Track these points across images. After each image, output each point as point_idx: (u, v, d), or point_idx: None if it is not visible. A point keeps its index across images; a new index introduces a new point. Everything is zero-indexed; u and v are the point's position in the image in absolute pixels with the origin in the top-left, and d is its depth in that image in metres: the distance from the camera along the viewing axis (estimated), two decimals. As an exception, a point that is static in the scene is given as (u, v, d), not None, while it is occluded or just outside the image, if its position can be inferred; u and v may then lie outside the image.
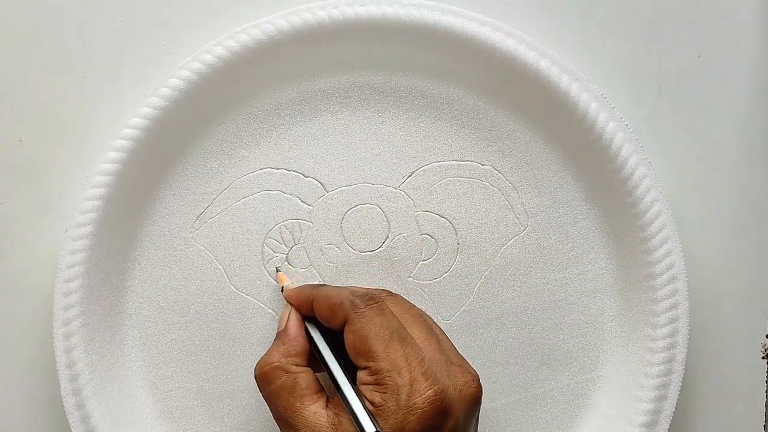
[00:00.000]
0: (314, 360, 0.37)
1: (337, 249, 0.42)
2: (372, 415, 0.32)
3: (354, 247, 0.42)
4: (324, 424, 0.33)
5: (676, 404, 0.41)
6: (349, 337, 0.34)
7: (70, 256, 0.40)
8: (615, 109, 0.41)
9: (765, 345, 0.45)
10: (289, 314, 0.38)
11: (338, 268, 0.42)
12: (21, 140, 0.42)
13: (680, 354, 0.41)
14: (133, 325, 0.42)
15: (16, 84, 0.42)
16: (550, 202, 0.43)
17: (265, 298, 0.42)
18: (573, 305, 0.43)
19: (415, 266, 0.43)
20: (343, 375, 0.35)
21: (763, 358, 0.45)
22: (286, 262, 0.42)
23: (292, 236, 0.42)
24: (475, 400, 0.34)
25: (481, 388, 0.35)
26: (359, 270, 0.42)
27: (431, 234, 0.43)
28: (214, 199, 0.42)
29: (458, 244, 0.43)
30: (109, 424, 0.40)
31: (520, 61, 0.41)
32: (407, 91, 0.43)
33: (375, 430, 0.31)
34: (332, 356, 0.36)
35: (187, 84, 0.40)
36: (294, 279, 0.42)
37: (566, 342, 0.43)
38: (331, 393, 0.35)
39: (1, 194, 0.42)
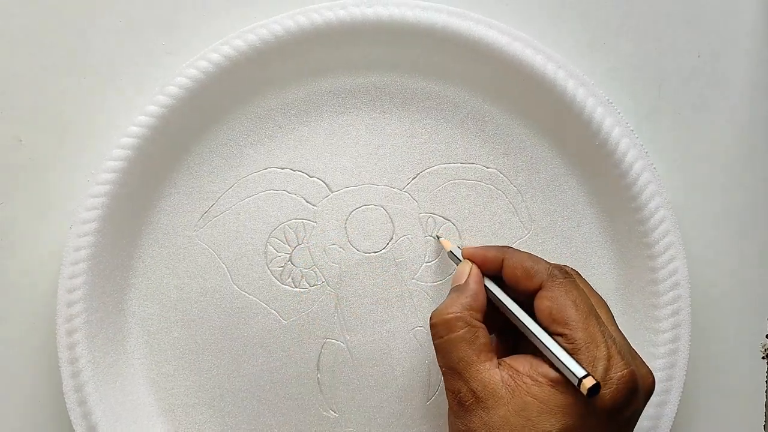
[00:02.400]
0: (487, 320, 0.37)
1: (340, 249, 0.42)
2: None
3: (358, 247, 0.42)
4: (497, 382, 0.33)
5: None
6: (544, 303, 0.35)
7: (74, 252, 0.40)
8: (620, 114, 0.41)
9: (765, 345, 0.45)
10: (470, 270, 0.38)
11: (342, 269, 0.42)
12: (21, 140, 0.42)
13: (682, 360, 0.41)
14: (136, 322, 0.42)
15: (16, 84, 0.42)
16: (555, 206, 0.43)
17: (267, 297, 0.42)
18: (575, 309, 0.43)
19: (419, 268, 0.43)
20: (539, 327, 0.34)
21: (763, 358, 0.45)
22: (290, 263, 0.42)
23: (296, 236, 0.42)
24: (651, 392, 0.35)
25: (655, 382, 0.35)
26: (363, 271, 0.42)
27: (435, 236, 0.43)
28: (219, 198, 0.42)
29: (462, 246, 0.43)
30: (110, 420, 0.40)
31: (526, 65, 0.41)
32: (413, 93, 0.43)
33: (585, 373, 0.31)
34: (521, 310, 0.36)
35: (194, 82, 0.40)
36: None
37: (568, 346, 0.43)
38: (500, 355, 0.35)
39: (1, 194, 0.42)
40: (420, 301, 0.42)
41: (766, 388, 0.45)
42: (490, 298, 0.37)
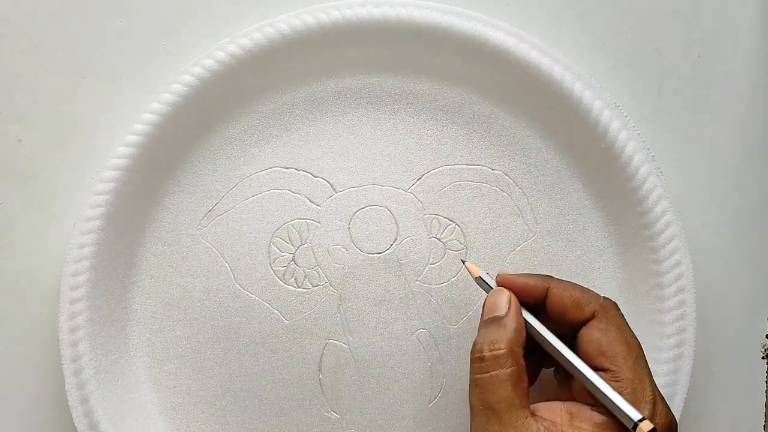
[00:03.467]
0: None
1: (344, 250, 0.42)
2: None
3: (361, 248, 0.42)
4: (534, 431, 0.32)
5: None
6: (594, 334, 0.34)
7: (77, 250, 0.40)
8: (627, 117, 0.41)
9: (765, 345, 0.45)
10: (509, 299, 0.35)
11: (345, 270, 0.42)
12: (21, 140, 0.42)
13: (686, 365, 0.41)
14: (139, 320, 0.42)
15: (16, 84, 0.42)
16: (560, 209, 0.43)
17: (269, 297, 0.42)
18: (580, 313, 0.43)
19: (423, 270, 0.42)
20: (587, 366, 0.33)
21: (763, 358, 0.45)
22: (293, 263, 0.42)
23: (300, 236, 0.42)
24: None
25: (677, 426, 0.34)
26: (366, 272, 0.42)
27: (439, 237, 0.43)
28: (223, 197, 0.42)
29: (466, 248, 0.43)
30: (112, 418, 0.40)
31: (533, 67, 0.40)
32: (418, 94, 0.42)
33: (641, 417, 0.31)
34: (564, 345, 0.34)
35: (199, 81, 0.40)
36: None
37: (572, 350, 0.43)
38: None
39: (1, 194, 0.42)
40: (423, 303, 0.42)
41: (766, 388, 0.45)
42: (528, 331, 0.35)
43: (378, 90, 0.42)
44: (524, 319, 0.35)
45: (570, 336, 0.35)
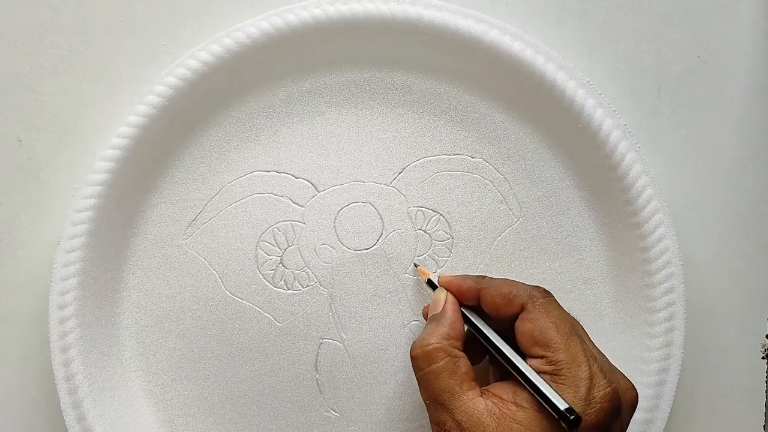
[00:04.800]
0: (475, 345, 0.37)
1: (331, 248, 0.42)
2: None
3: (348, 246, 0.42)
4: (482, 411, 0.33)
5: (676, 404, 0.41)
6: (526, 325, 0.35)
7: (63, 268, 0.39)
8: (602, 95, 0.41)
9: (765, 345, 0.45)
10: (446, 297, 0.38)
11: (333, 268, 0.42)
12: (20, 140, 0.42)
13: (678, 338, 0.41)
14: (131, 335, 0.42)
15: (16, 84, 0.42)
16: (542, 192, 0.43)
17: (260, 301, 0.42)
18: (569, 293, 0.43)
19: (411, 262, 0.43)
20: (519, 356, 0.34)
21: (763, 358, 0.45)
22: (281, 265, 0.42)
23: (286, 238, 0.42)
24: (634, 406, 0.35)
25: (638, 395, 0.35)
26: (355, 269, 0.42)
27: (425, 229, 0.43)
28: (206, 205, 0.42)
29: (452, 238, 0.43)
30: (110, 435, 0.40)
31: (504, 52, 0.41)
32: (393, 88, 0.43)
33: (567, 406, 0.31)
34: (500, 339, 0.36)
35: (173, 90, 0.40)
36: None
37: (565, 331, 0.43)
38: (483, 383, 0.35)
39: (1, 194, 0.42)
40: (414, 295, 0.42)
41: (766, 388, 0.45)
42: (469, 328, 0.37)
43: (353, 86, 0.42)
44: (464, 313, 0.37)
45: (511, 331, 0.36)
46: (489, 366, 0.39)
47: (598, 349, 0.36)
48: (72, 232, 0.39)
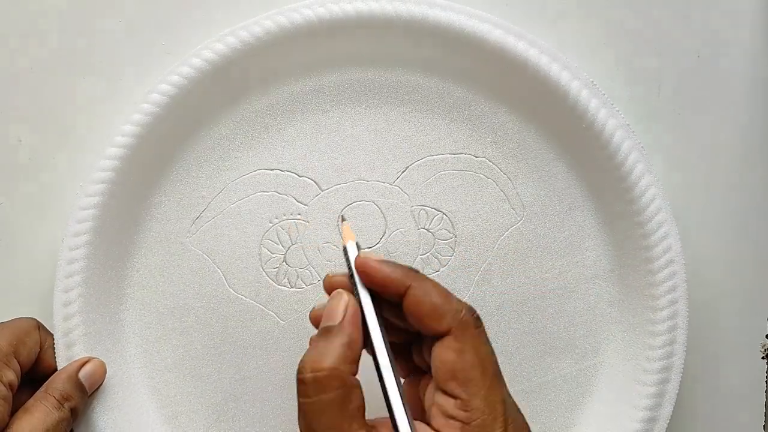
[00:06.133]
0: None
1: (335, 247, 0.42)
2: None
3: (351, 244, 0.42)
4: None
5: (677, 404, 0.41)
6: (448, 356, 0.30)
7: (67, 265, 0.39)
8: (605, 94, 0.41)
9: (765, 345, 0.45)
10: (346, 307, 0.31)
11: (337, 267, 0.42)
12: (20, 140, 0.42)
13: (681, 336, 0.41)
14: (134, 332, 0.42)
15: (16, 84, 0.42)
16: (546, 191, 0.43)
17: (264, 299, 0.42)
18: (572, 293, 0.43)
19: (414, 261, 0.43)
20: (402, 406, 0.30)
21: (763, 358, 0.45)
22: (285, 263, 0.42)
23: (289, 236, 0.42)
24: None
25: None
26: (358, 267, 0.42)
27: (428, 228, 0.43)
28: (210, 203, 0.42)
29: (455, 237, 0.43)
30: (114, 432, 0.40)
31: (509, 52, 0.41)
32: (397, 87, 0.43)
33: None
34: (391, 367, 0.30)
35: (177, 89, 0.40)
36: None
37: (567, 330, 0.43)
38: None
39: (1, 194, 0.42)
40: (417, 294, 0.42)
41: (766, 388, 0.45)
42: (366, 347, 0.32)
43: (357, 85, 0.42)
44: (369, 327, 0.31)
45: (431, 343, 0.32)
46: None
47: (508, 392, 0.32)
48: (76, 230, 0.40)
